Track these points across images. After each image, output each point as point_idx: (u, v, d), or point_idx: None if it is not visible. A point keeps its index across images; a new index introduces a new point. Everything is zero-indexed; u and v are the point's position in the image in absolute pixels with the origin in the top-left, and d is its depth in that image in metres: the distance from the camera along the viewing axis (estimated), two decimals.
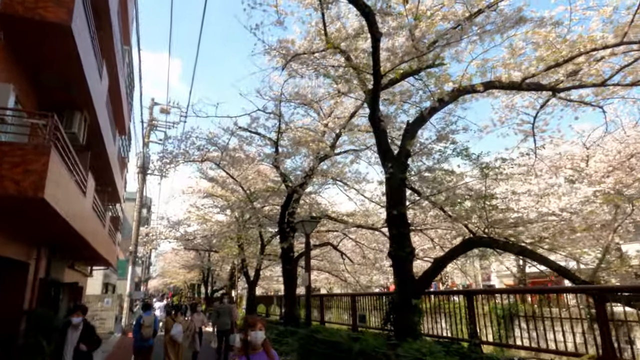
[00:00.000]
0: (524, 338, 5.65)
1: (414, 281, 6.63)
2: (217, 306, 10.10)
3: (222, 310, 9.61)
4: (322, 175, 13.17)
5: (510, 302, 6.33)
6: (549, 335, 5.34)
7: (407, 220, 7.01)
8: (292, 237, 12.29)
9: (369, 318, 8.89)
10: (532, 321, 5.61)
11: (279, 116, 11.66)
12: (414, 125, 7.23)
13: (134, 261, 20.05)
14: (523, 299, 6.87)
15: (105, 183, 14.85)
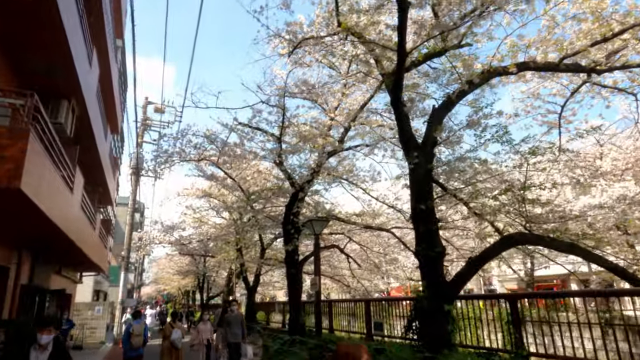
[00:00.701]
0: (576, 348, 4.90)
1: (445, 284, 5.87)
2: (226, 315, 8.78)
3: (232, 320, 8.36)
4: (328, 173, 12.40)
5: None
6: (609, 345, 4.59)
7: (435, 216, 6.26)
8: (296, 238, 11.48)
9: (387, 326, 8.09)
10: (586, 329, 4.86)
11: (282, 109, 10.89)
12: (440, 110, 6.50)
13: (126, 267, 19.08)
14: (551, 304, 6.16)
15: (96, 183, 13.97)
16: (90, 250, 11.53)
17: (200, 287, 29.62)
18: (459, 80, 6.61)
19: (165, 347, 8.43)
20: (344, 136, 10.60)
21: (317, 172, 10.40)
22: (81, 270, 15.96)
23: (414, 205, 6.29)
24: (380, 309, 8.74)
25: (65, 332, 12.89)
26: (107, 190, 15.47)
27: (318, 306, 8.52)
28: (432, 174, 6.59)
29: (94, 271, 16.68)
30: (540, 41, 6.20)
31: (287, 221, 11.38)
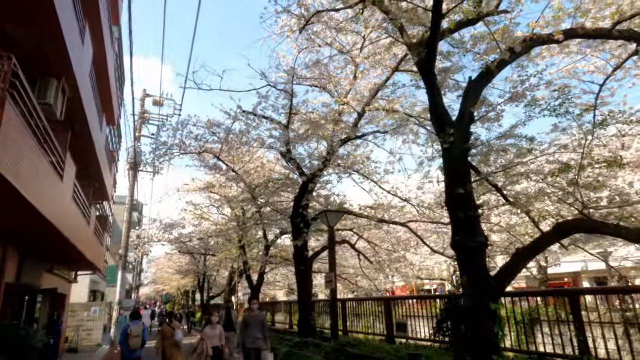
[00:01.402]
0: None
1: (490, 279, 5.10)
2: (245, 316, 7.26)
3: (252, 321, 6.98)
4: (338, 164, 11.63)
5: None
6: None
7: (475, 201, 5.50)
8: (306, 233, 10.72)
9: (413, 327, 7.32)
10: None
11: (291, 94, 10.12)
12: (477, 82, 5.74)
13: (124, 266, 18.27)
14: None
15: (91, 176, 13.16)
16: (84, 247, 10.74)
17: (201, 287, 28.79)
18: (498, 51, 5.85)
19: (167, 347, 7.79)
20: (357, 122, 9.82)
21: (328, 160, 9.63)
22: (76, 269, 15.14)
23: (450, 189, 5.53)
24: (403, 309, 7.97)
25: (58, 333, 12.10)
26: (103, 185, 14.66)
27: (334, 305, 7.74)
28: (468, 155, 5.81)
29: (90, 270, 15.86)
30: (593, 1, 5.43)
31: (296, 214, 10.61)
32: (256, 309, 7.34)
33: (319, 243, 18.03)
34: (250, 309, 7.40)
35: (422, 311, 7.39)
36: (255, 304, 7.51)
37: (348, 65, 10.34)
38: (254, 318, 7.09)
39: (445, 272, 30.98)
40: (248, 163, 14.08)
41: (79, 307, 18.18)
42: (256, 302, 7.54)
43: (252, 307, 7.48)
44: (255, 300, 7.58)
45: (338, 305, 10.22)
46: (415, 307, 7.84)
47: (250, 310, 7.30)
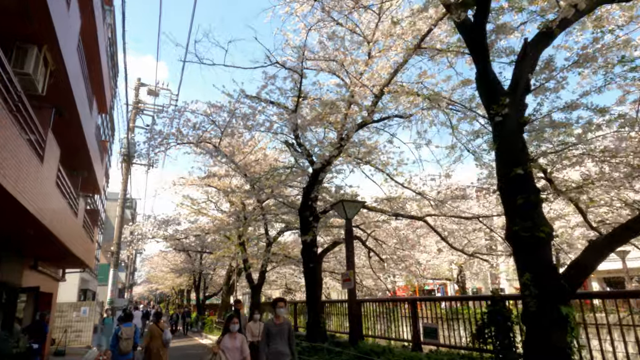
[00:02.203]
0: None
1: (559, 277, 4.20)
2: (267, 324, 5.42)
3: (277, 330, 5.22)
4: (349, 156, 10.71)
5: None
6: None
7: (534, 183, 4.61)
8: (315, 227, 9.81)
9: (446, 332, 6.41)
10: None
11: (300, 74, 9.19)
12: (535, 45, 4.84)
13: (116, 263, 17.21)
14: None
15: (80, 165, 12.15)
16: (71, 241, 9.75)
17: (196, 286, 27.76)
18: (556, 10, 4.95)
19: (153, 346, 7.86)
20: (374, 105, 8.90)
21: (342, 146, 8.71)
22: (64, 266, 14.10)
23: (504, 170, 4.63)
24: (432, 311, 7.07)
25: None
26: (94, 175, 13.63)
27: (352, 308, 6.81)
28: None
29: (79, 268, 14.83)
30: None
31: (305, 207, 9.69)
32: (283, 314, 5.37)
33: (322, 240, 17.15)
34: (276, 313, 5.37)
35: (453, 314, 6.49)
36: (282, 306, 5.40)
37: (361, 46, 9.45)
38: (278, 327, 5.29)
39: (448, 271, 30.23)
40: (249, 154, 13.13)
41: (68, 307, 17.15)
42: (282, 304, 5.43)
43: (278, 311, 5.34)
44: (281, 302, 5.40)
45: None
46: (454, 308, 6.95)
47: (275, 317, 5.39)
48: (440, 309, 8.79)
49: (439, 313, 7.32)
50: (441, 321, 6.74)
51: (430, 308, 7.14)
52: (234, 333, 5.63)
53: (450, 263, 21.65)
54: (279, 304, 5.49)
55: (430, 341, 6.52)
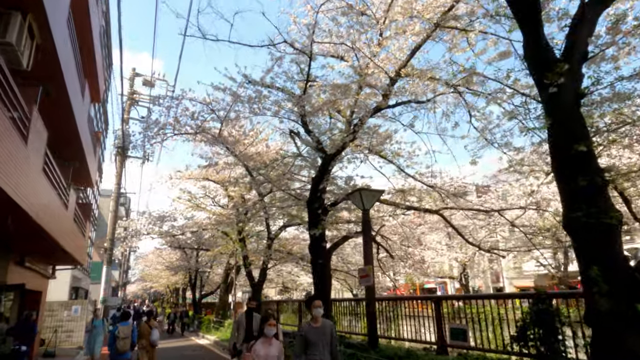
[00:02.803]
0: None
1: (632, 270, 3.59)
2: (303, 326, 4.39)
3: (314, 334, 4.15)
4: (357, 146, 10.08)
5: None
6: None
7: (598, 163, 3.99)
8: (324, 220, 9.17)
9: (479, 333, 5.79)
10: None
11: (309, 56, 8.53)
12: (593, 6, 4.22)
13: (109, 260, 16.48)
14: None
15: (72, 155, 11.41)
16: (61, 235, 9.04)
17: (192, 284, 27.00)
18: None
19: (142, 346, 8.18)
20: (390, 89, 8.25)
21: (356, 131, 8.07)
22: (54, 263, 13.35)
23: (560, 148, 4.01)
24: (452, 309, 6.45)
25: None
26: (86, 167, 12.88)
27: (372, 306, 6.17)
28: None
29: (70, 264, 14.08)
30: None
31: (314, 198, 9.04)
32: (320, 315, 4.20)
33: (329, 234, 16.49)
34: (312, 316, 4.23)
35: (481, 314, 5.88)
36: (319, 306, 4.21)
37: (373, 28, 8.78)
38: (318, 331, 4.12)
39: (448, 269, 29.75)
40: (250, 146, 12.44)
41: (58, 306, 16.40)
42: (319, 304, 4.24)
43: (316, 312, 4.17)
44: (317, 301, 4.25)
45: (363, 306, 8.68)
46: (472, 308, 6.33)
47: (313, 320, 4.24)
48: (453, 308, 8.20)
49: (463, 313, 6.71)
50: (464, 321, 6.13)
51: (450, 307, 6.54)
52: (270, 338, 4.31)
53: (454, 260, 21.06)
54: (315, 303, 4.28)
55: (458, 344, 5.90)
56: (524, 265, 26.35)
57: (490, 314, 5.72)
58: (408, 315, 7.14)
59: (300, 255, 15.23)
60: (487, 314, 5.94)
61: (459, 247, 20.15)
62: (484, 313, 5.91)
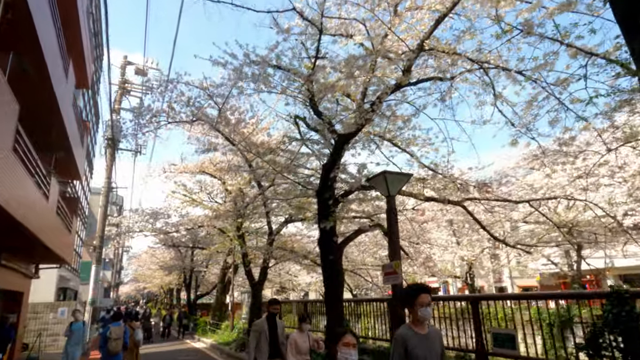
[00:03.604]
0: None
1: None
2: (402, 331, 2.89)
3: (422, 344, 2.78)
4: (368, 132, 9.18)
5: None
6: None
7: None
8: (334, 211, 8.26)
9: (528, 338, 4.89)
10: None
11: (319, 29, 7.60)
12: None
13: (98, 259, 15.46)
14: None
15: (55, 143, 10.41)
16: (41, 229, 8.06)
17: (187, 285, 25.95)
18: None
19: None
20: (410, 64, 7.35)
21: (374, 111, 7.16)
22: (37, 261, 12.33)
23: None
24: (501, 312, 5.56)
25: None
26: (72, 158, 11.88)
27: (401, 308, 5.26)
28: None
29: (55, 263, 13.06)
30: None
31: (325, 187, 8.11)
32: (429, 317, 2.91)
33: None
34: (416, 319, 2.88)
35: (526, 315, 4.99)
36: (427, 303, 2.88)
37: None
38: (424, 340, 2.85)
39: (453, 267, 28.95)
40: (250, 135, 11.49)
41: (43, 308, 15.36)
42: (427, 300, 2.87)
43: (423, 313, 2.85)
44: (424, 295, 2.85)
45: (383, 306, 7.79)
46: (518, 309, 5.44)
47: (415, 322, 2.91)
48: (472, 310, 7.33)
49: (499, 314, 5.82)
50: (507, 325, 5.25)
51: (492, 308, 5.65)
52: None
53: (461, 259, 20.24)
54: (423, 298, 2.85)
55: (504, 352, 5.00)
56: (529, 264, 25.57)
57: (543, 317, 4.82)
58: (438, 317, 6.23)
59: (303, 252, 14.31)
60: (533, 316, 5.04)
61: (464, 244, 19.36)
62: (534, 315, 5.01)
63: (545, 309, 7.45)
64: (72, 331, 9.35)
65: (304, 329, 5.11)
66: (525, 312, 5.55)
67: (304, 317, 5.22)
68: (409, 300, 2.92)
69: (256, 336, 5.31)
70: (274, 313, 5.59)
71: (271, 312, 5.59)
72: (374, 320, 8.18)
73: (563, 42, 4.56)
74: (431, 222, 17.64)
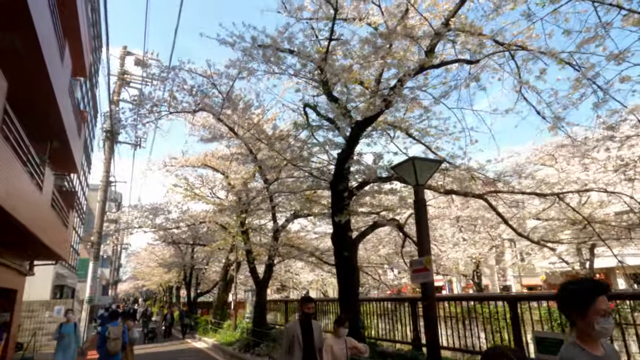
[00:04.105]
0: None
1: None
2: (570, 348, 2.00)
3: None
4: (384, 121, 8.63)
5: None
6: None
7: None
8: (348, 205, 7.73)
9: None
10: None
11: (334, 8, 7.03)
12: None
13: (96, 255, 14.90)
14: None
15: (50, 131, 9.82)
16: (34, 222, 7.50)
17: (187, 283, 25.37)
18: None
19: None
20: (434, 44, 6.78)
21: (396, 94, 6.60)
22: (31, 258, 11.76)
23: None
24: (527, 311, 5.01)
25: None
26: (68, 150, 11.29)
27: (433, 309, 4.72)
28: None
29: (51, 259, 12.49)
30: None
31: (339, 178, 7.57)
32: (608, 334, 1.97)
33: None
34: (584, 333, 1.97)
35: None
36: (606, 303, 1.92)
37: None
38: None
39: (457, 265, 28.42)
40: (256, 126, 10.91)
41: (39, 306, 14.80)
42: (606, 300, 1.96)
43: (602, 323, 1.89)
44: (603, 298, 1.93)
45: (403, 306, 7.24)
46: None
47: (585, 338, 1.99)
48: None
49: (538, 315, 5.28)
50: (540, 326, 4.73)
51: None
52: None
53: (469, 257, 19.72)
54: (600, 300, 1.96)
55: (546, 357, 4.45)
56: (537, 263, 25.06)
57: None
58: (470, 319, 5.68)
59: (310, 249, 13.77)
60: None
61: (475, 241, 18.84)
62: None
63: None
64: (62, 334, 8.62)
65: (341, 334, 4.62)
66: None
67: (341, 319, 4.73)
68: (580, 305, 1.98)
69: (287, 342, 4.59)
70: (308, 314, 4.76)
71: (305, 312, 4.75)
72: (393, 321, 7.63)
73: (622, 6, 4.00)
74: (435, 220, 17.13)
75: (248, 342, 11.97)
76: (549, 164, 13.17)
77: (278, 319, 13.11)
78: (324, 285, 33.75)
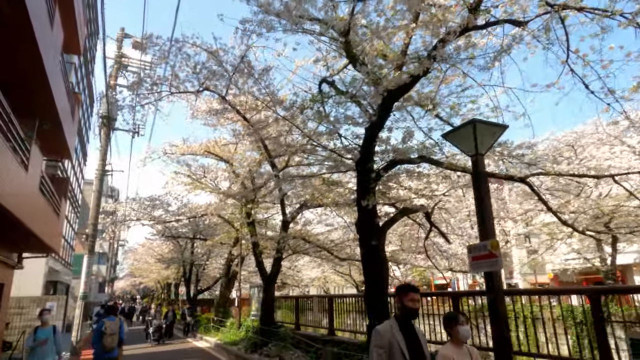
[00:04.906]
0: None
1: None
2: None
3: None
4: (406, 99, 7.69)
5: None
6: None
7: None
8: (373, 188, 6.83)
9: None
10: None
11: None
12: None
13: (91, 249, 13.95)
14: None
15: (38, 109, 8.87)
16: (18, 207, 6.58)
17: (187, 279, 24.40)
18: None
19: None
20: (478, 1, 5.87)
21: (433, 58, 5.70)
22: (20, 250, 10.82)
23: None
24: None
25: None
26: (61, 133, 10.34)
27: (501, 305, 3.83)
28: None
29: (41, 252, 11.55)
30: None
31: (367, 156, 6.65)
32: None
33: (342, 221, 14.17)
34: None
35: None
36: None
37: None
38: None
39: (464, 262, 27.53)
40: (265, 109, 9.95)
41: (30, 302, 13.84)
42: None
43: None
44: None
45: (443, 300, 6.32)
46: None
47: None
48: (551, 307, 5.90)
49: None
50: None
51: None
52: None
53: None
54: None
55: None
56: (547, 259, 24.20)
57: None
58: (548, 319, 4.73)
59: (320, 243, 12.86)
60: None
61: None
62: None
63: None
64: (38, 340, 6.79)
65: (462, 338, 2.98)
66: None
67: (455, 317, 3.04)
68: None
69: (384, 353, 2.88)
70: (413, 310, 3.04)
71: (408, 308, 3.00)
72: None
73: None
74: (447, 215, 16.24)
75: (255, 342, 11.09)
76: (567, 156, 12.32)
77: (287, 317, 12.20)
78: (326, 283, 32.90)
